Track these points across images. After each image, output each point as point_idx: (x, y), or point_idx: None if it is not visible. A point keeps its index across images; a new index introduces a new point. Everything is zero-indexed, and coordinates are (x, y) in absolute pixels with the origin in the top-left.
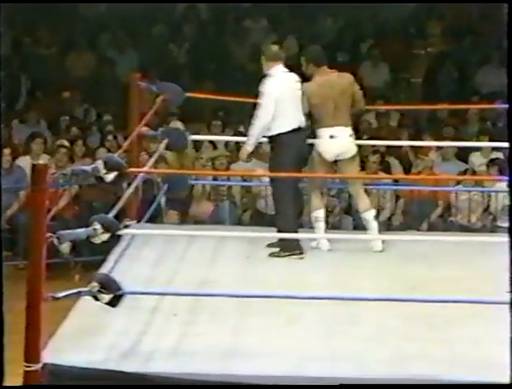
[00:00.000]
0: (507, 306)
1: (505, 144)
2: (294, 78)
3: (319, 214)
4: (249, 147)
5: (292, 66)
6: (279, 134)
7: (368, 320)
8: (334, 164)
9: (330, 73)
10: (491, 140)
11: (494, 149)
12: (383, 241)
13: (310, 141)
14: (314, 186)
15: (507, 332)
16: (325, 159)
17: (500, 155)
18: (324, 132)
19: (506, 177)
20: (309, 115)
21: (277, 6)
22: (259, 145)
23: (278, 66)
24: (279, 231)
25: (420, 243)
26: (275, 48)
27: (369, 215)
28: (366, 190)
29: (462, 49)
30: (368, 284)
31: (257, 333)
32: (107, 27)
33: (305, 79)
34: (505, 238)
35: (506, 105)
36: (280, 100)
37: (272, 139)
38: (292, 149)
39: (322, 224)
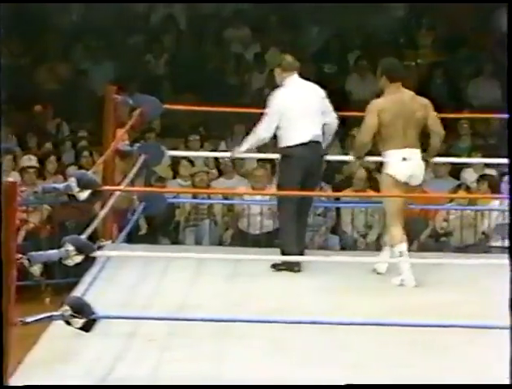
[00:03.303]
0: (505, 331)
1: (499, 160)
2: (313, 87)
3: (403, 248)
4: (241, 149)
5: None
6: (286, 147)
7: (357, 346)
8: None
9: (404, 91)
10: (483, 156)
11: (486, 165)
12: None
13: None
14: (393, 213)
15: (505, 359)
16: (398, 180)
17: (492, 171)
18: (395, 154)
19: (504, 196)
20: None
21: (260, 14)
22: (242, 162)
23: (293, 77)
24: (281, 249)
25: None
26: (289, 58)
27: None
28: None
29: (454, 60)
30: (358, 308)
31: (238, 359)
32: (80, 37)
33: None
34: (501, 260)
35: (505, 116)
36: (288, 112)
37: (280, 152)
38: (297, 164)
39: (406, 260)
